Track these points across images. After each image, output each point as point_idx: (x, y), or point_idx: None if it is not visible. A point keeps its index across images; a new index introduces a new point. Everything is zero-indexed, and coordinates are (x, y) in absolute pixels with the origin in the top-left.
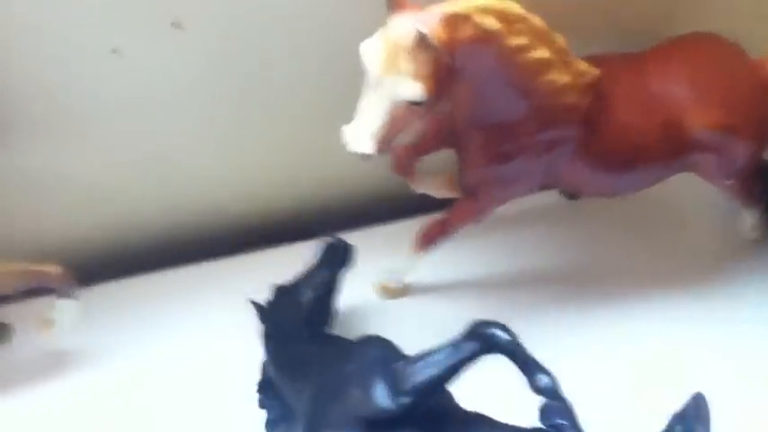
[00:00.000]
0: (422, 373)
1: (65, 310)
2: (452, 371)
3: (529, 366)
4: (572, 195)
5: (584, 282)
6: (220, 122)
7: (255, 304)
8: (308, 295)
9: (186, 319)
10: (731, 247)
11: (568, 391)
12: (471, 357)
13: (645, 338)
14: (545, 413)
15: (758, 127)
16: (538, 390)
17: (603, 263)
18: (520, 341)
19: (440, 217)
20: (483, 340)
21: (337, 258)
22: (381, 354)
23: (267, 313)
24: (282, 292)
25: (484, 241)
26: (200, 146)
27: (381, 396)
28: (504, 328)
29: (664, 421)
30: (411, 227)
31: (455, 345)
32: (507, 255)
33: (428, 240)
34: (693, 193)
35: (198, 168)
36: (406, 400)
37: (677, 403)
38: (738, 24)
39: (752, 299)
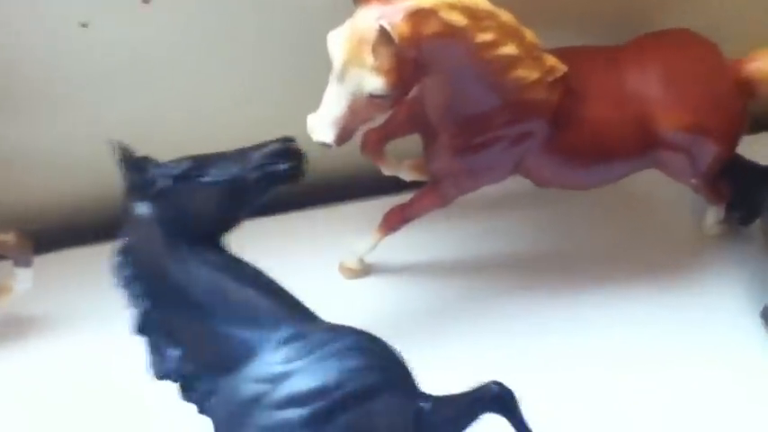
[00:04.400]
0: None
1: (20, 278)
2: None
3: None
4: (539, 183)
5: (550, 269)
6: (188, 97)
7: (119, 146)
8: (237, 196)
9: None
10: (699, 239)
11: (529, 379)
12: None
13: (606, 326)
14: None
15: (728, 129)
16: None
17: (570, 251)
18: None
19: (404, 202)
20: (497, 403)
21: (289, 173)
22: (413, 387)
23: (140, 173)
24: (187, 173)
25: (453, 225)
26: (168, 119)
27: None
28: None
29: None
30: (381, 206)
31: (475, 404)
32: (475, 239)
33: (390, 224)
34: (666, 184)
35: (164, 141)
36: None
37: (635, 386)
38: (718, 22)
39: (713, 290)
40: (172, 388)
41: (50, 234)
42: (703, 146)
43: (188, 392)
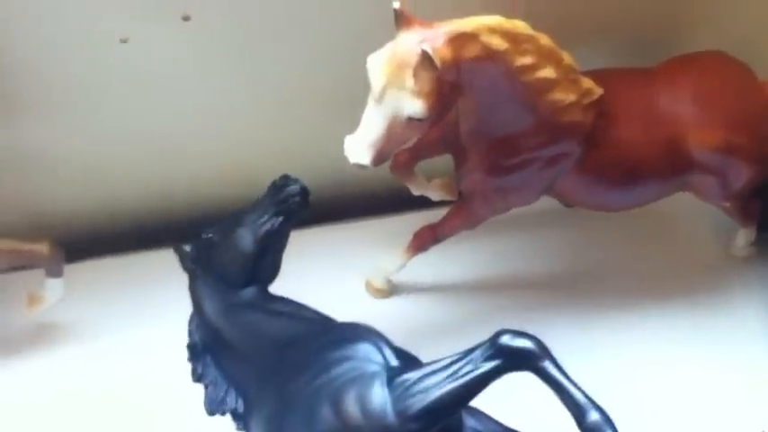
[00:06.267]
0: (432, 393)
1: (52, 287)
2: (470, 391)
3: (571, 397)
4: (568, 203)
5: (576, 289)
6: (224, 110)
7: (178, 249)
8: (248, 243)
9: (176, 299)
10: (728, 260)
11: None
12: (493, 375)
13: (636, 347)
14: None
15: (762, 150)
16: (584, 429)
17: (597, 270)
18: (557, 361)
19: (434, 222)
20: (508, 356)
21: (289, 202)
22: (376, 355)
23: (195, 261)
24: (213, 238)
25: (478, 244)
26: (203, 131)
27: (380, 419)
28: (535, 341)
29: None
30: (411, 221)
31: (473, 358)
32: (501, 259)
33: (419, 243)
34: (693, 204)
35: (200, 154)
36: (412, 427)
37: (660, 406)
38: (750, 44)
39: (742, 313)
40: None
41: (80, 243)
42: (736, 167)
43: (239, 422)
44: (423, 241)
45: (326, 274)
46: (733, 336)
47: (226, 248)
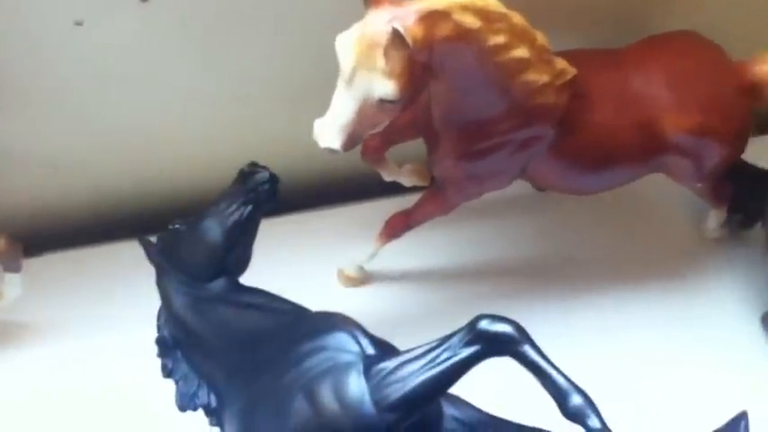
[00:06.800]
0: (411, 381)
1: (11, 283)
2: (449, 378)
3: (552, 381)
4: (541, 187)
5: (551, 273)
6: (186, 98)
7: (143, 241)
8: (216, 234)
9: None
10: (699, 242)
11: (531, 383)
12: (473, 361)
13: (612, 331)
14: None
15: (735, 131)
16: (567, 413)
17: (571, 254)
18: (537, 345)
19: (406, 208)
20: (486, 341)
21: (258, 190)
22: (352, 345)
23: (161, 254)
24: (180, 229)
25: (453, 230)
26: (169, 123)
27: (357, 408)
28: (514, 325)
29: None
30: (384, 207)
31: (451, 345)
32: (476, 245)
33: (391, 231)
34: (666, 187)
35: (158, 141)
36: (390, 417)
37: (633, 390)
38: (722, 24)
39: (713, 294)
40: (165, 391)
41: (41, 237)
42: (710, 149)
43: (212, 417)
44: (395, 228)
45: (298, 263)
46: (706, 316)
47: (193, 240)
